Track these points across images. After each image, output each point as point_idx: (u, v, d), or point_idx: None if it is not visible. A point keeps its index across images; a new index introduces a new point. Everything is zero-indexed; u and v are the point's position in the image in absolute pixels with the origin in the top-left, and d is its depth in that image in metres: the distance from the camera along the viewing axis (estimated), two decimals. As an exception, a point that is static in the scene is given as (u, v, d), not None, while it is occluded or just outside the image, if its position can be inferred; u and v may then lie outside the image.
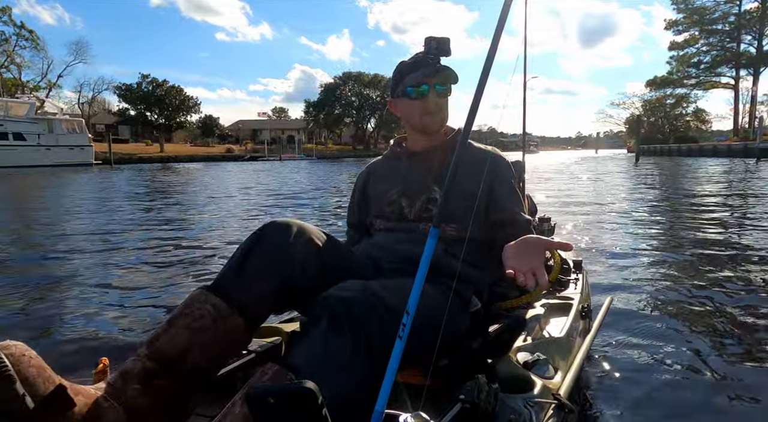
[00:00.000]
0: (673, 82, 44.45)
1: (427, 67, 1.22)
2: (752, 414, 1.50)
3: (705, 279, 3.02)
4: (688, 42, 42.18)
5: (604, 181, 13.02)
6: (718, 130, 50.25)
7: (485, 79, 0.79)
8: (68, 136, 30.12)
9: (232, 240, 4.64)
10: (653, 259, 3.58)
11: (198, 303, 0.94)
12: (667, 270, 3.24)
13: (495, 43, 0.80)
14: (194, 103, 47.08)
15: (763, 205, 6.74)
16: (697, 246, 4.02)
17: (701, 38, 41.58)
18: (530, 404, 0.91)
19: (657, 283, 2.92)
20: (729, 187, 10.28)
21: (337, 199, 8.88)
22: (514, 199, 1.31)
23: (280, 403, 0.68)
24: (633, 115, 47.47)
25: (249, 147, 51.04)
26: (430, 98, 1.25)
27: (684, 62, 42.81)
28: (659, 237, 4.65)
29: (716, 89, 44.10)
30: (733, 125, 43.16)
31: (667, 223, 5.53)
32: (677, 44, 42.77)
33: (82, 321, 2.42)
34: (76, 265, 3.70)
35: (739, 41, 39.88)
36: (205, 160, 39.35)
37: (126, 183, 14.61)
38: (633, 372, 1.75)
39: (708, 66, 42.08)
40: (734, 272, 3.17)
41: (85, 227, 5.71)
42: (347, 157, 50.69)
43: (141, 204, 8.41)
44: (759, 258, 3.53)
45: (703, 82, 43.27)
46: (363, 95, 62.38)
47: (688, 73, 43.14)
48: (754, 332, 2.14)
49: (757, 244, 4.04)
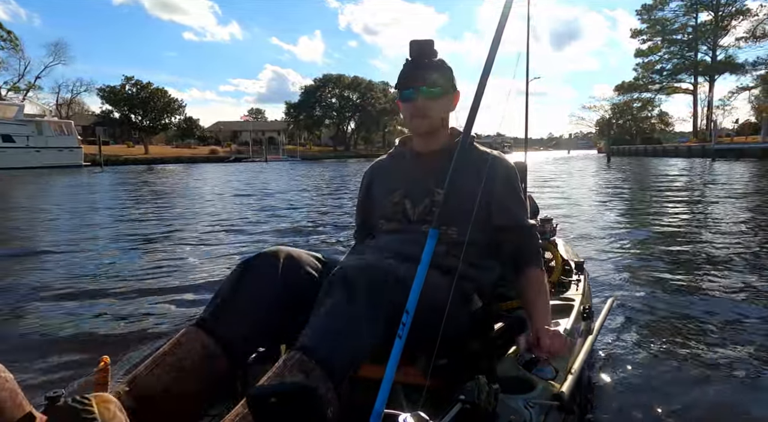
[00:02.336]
0: (639, 87, 47.68)
1: (412, 70, 1.23)
2: (752, 414, 1.48)
3: (708, 280, 2.99)
4: (651, 50, 45.35)
5: (586, 179, 14.06)
6: (680, 131, 53.44)
7: (485, 81, 0.81)
8: (57, 138, 30.30)
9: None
10: (654, 260, 3.54)
11: (186, 342, 0.93)
12: (669, 271, 3.20)
13: (495, 43, 0.79)
14: (179, 105, 47.35)
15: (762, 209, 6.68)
16: (696, 247, 4.03)
17: (663, 47, 44.84)
18: (530, 405, 0.90)
19: (658, 284, 2.90)
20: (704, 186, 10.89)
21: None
22: (517, 203, 1.30)
23: (281, 403, 0.70)
24: (603, 118, 50.46)
25: (232, 148, 51.41)
26: (418, 102, 1.24)
27: (648, 69, 46.03)
28: (658, 236, 4.61)
29: (677, 94, 47.55)
30: (693, 127, 46.40)
31: (664, 222, 5.57)
32: (642, 52, 46.01)
33: (82, 321, 2.42)
34: (75, 265, 3.73)
35: (697, 51, 43.19)
36: (191, 162, 39.42)
37: (134, 186, 14.32)
38: (634, 374, 1.74)
39: (670, 73, 45.36)
40: (734, 271, 3.16)
41: (110, 231, 5.59)
42: (329, 158, 51.39)
43: (163, 207, 8.21)
44: (758, 262, 3.48)
45: (666, 87, 46.61)
46: (343, 97, 63.42)
47: (652, 79, 46.42)
48: (755, 332, 2.13)
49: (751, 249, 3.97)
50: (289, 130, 63.80)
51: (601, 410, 1.52)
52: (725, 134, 38.98)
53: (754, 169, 17.41)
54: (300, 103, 61.28)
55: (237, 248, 4.50)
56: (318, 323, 0.89)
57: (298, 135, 62.40)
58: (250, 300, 0.99)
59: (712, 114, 42.41)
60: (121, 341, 2.16)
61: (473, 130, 0.99)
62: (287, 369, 0.83)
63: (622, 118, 51.55)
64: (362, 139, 70.86)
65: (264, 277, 1.01)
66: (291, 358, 0.84)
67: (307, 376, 0.82)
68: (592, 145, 64.36)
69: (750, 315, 2.34)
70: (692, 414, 1.49)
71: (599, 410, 1.52)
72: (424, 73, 1.22)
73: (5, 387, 0.71)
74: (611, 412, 1.50)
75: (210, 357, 0.93)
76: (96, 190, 12.84)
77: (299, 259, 1.07)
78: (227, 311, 0.98)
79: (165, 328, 2.32)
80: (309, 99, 61.15)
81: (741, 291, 2.75)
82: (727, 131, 42.08)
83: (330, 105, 63.47)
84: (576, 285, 1.73)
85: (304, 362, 0.84)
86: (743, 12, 37.56)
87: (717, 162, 23.96)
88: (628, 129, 51.80)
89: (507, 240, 1.28)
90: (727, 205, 7.12)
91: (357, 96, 63.36)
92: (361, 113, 63.79)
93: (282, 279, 1.02)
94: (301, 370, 0.82)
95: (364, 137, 70.94)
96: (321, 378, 0.83)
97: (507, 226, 1.28)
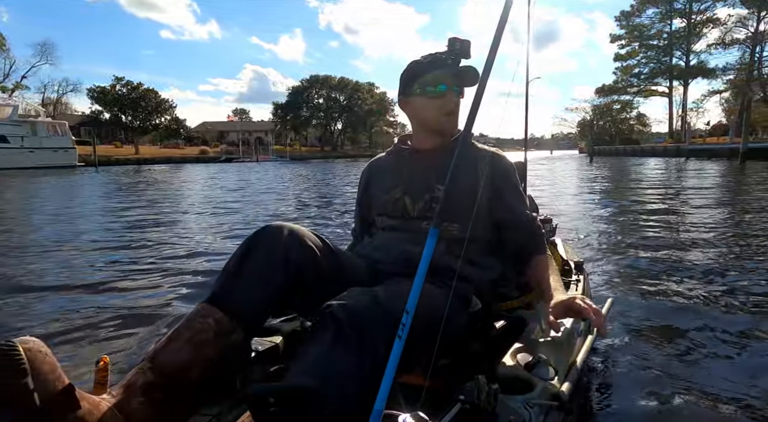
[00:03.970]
0: (619, 89, 49.82)
1: (448, 67, 1.22)
2: (753, 414, 1.47)
3: (706, 279, 2.99)
4: (630, 55, 47.49)
5: (574, 178, 14.60)
6: (657, 132, 55.61)
7: (486, 80, 0.83)
8: (51, 139, 30.37)
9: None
10: (654, 260, 3.55)
11: (200, 318, 0.96)
12: (669, 271, 3.21)
13: (495, 44, 0.80)
14: (169, 105, 47.47)
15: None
16: (696, 246, 4.01)
17: (641, 52, 47.05)
18: (530, 405, 0.90)
19: (658, 284, 2.89)
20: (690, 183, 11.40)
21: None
22: (518, 198, 1.32)
23: (280, 403, 0.71)
24: (585, 119, 52.53)
25: (222, 149, 51.69)
26: (449, 98, 1.24)
27: (627, 72, 48.18)
28: (657, 237, 4.57)
29: (654, 96, 49.82)
30: (669, 128, 48.55)
31: (659, 220, 5.60)
32: (621, 56, 48.16)
33: (81, 320, 2.41)
34: (76, 264, 3.69)
35: (671, 56, 45.38)
36: (182, 162, 39.59)
37: (140, 186, 14.05)
38: (633, 374, 1.74)
39: (647, 76, 47.54)
40: (734, 271, 3.15)
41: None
42: (316, 158, 51.76)
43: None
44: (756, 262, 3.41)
45: (643, 90, 48.74)
46: (331, 98, 64.09)
47: (630, 82, 48.60)
48: (756, 333, 2.10)
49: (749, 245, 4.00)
50: (276, 130, 64.16)
51: (600, 410, 1.52)
52: (698, 135, 41.08)
53: (722, 167, 18.78)
54: (287, 104, 61.74)
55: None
56: (312, 362, 0.85)
57: (284, 135, 62.81)
58: (256, 271, 1.02)
59: (686, 116, 44.84)
60: (121, 341, 2.14)
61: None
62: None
63: (602, 120, 53.64)
64: (349, 140, 71.57)
65: (268, 250, 1.04)
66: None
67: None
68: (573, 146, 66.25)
69: (756, 316, 2.33)
70: (692, 414, 1.48)
71: (599, 410, 1.52)
72: (463, 72, 1.23)
73: (46, 360, 0.75)
74: (611, 412, 1.50)
75: (224, 331, 0.96)
76: (105, 190, 12.65)
77: (300, 234, 1.09)
78: (234, 284, 1.01)
79: (166, 330, 2.31)
80: (296, 99, 61.65)
81: (746, 292, 2.72)
82: (700, 132, 44.30)
83: (317, 106, 64.08)
84: (576, 285, 1.73)
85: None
86: (713, 20, 39.76)
87: (690, 161, 25.27)
88: (608, 130, 53.88)
89: (509, 236, 1.31)
90: (700, 201, 7.68)
91: (344, 97, 64.10)
92: (348, 114, 64.53)
93: (284, 251, 1.04)
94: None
95: (350, 137, 71.66)
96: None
97: (508, 221, 1.30)
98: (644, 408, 1.53)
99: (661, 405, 1.54)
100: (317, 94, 63.73)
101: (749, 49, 32.97)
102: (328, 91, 63.66)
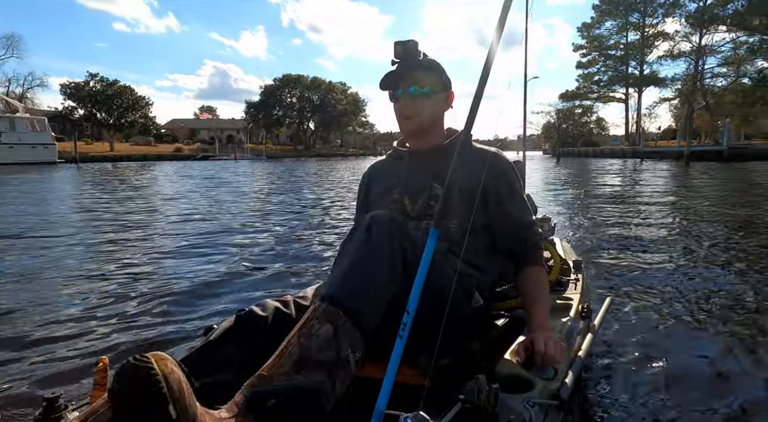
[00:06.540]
0: (580, 95, 53.48)
1: (395, 72, 1.23)
2: (753, 414, 1.47)
3: (703, 278, 2.98)
4: (591, 63, 51.15)
5: (550, 178, 15.69)
6: (614, 134, 59.64)
7: (485, 80, 0.82)
8: (31, 134, 30.13)
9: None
10: (653, 259, 3.56)
11: (317, 322, 0.89)
12: (667, 270, 3.22)
13: (494, 45, 0.80)
14: (146, 102, 47.11)
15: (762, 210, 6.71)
16: (693, 245, 4.05)
17: (600, 61, 50.76)
18: (530, 404, 0.90)
19: (657, 283, 2.88)
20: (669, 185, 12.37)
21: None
22: (517, 199, 1.31)
23: (280, 403, 0.70)
24: (549, 122, 55.96)
25: (197, 146, 51.59)
26: (402, 102, 1.26)
27: (588, 79, 51.86)
28: (655, 236, 4.62)
29: (612, 102, 53.82)
30: (625, 132, 52.44)
31: (651, 218, 5.77)
32: (582, 64, 51.81)
33: (80, 320, 2.39)
34: (75, 265, 3.68)
35: (627, 65, 49.21)
36: (158, 160, 39.56)
37: (133, 183, 13.85)
38: (633, 373, 1.74)
39: (606, 83, 51.33)
40: (734, 271, 3.16)
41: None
42: (289, 157, 52.40)
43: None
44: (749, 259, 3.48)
45: (603, 96, 52.59)
46: (304, 97, 64.73)
47: (591, 89, 52.25)
48: (757, 332, 2.10)
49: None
50: (248, 129, 64.26)
51: (600, 409, 1.51)
52: (651, 138, 44.83)
53: (671, 167, 21.27)
54: (260, 103, 62.01)
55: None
56: (341, 271, 0.93)
57: (256, 134, 63.00)
58: (228, 358, 0.99)
59: (641, 120, 48.66)
60: (120, 342, 2.11)
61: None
62: (316, 320, 0.88)
63: (565, 123, 57.03)
64: (320, 139, 72.23)
65: (254, 330, 1.02)
66: (317, 309, 0.89)
67: (336, 328, 0.87)
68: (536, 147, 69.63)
69: (756, 316, 2.31)
70: (692, 413, 1.48)
71: (599, 409, 1.51)
72: (412, 73, 1.22)
73: (181, 380, 0.69)
74: (611, 411, 1.50)
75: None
76: (105, 188, 12.47)
77: (285, 308, 1.09)
78: (210, 358, 0.99)
79: (166, 328, 2.29)
80: (269, 99, 62.01)
81: (745, 292, 2.72)
82: (653, 135, 48.34)
83: (290, 105, 64.60)
84: (574, 284, 1.73)
85: (331, 313, 0.89)
86: (663, 34, 43.50)
87: (645, 162, 27.77)
88: (570, 132, 57.36)
89: (507, 237, 1.30)
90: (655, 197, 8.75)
91: (317, 97, 64.87)
92: (321, 113, 65.34)
93: (270, 329, 1.02)
94: (328, 321, 0.88)
95: (322, 137, 72.33)
96: (349, 330, 0.88)
97: (507, 222, 1.29)
98: (644, 407, 1.52)
99: (661, 402, 1.54)
100: (290, 94, 64.21)
101: (694, 62, 36.47)
102: (301, 90, 64.23)
